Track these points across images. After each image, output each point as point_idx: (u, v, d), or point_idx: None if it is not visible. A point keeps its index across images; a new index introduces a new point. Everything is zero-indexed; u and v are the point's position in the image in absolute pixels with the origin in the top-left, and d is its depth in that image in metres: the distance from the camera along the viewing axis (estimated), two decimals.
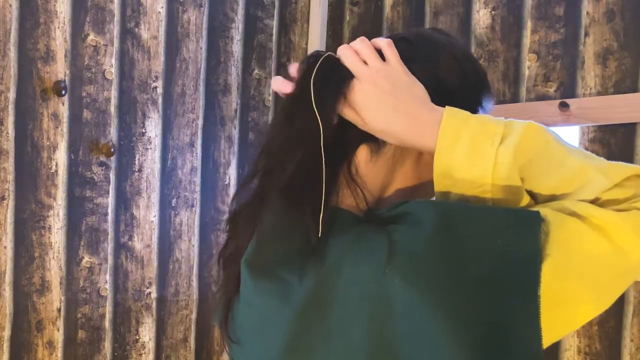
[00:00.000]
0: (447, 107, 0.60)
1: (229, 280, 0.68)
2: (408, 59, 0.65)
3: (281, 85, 0.65)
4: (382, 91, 0.61)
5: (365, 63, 0.63)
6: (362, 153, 0.65)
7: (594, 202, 0.57)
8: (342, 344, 0.56)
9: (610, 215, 0.55)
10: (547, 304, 0.52)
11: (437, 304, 0.52)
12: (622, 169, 0.57)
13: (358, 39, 0.65)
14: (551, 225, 0.54)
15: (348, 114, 0.63)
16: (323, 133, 0.60)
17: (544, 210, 0.56)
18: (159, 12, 1.47)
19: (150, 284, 1.48)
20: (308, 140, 0.61)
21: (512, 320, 0.53)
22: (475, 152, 0.57)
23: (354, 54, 0.64)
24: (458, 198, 0.59)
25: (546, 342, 0.53)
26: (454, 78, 0.67)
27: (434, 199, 0.66)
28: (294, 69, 0.65)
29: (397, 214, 0.59)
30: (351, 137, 0.64)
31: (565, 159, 0.58)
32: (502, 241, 0.54)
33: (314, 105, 0.60)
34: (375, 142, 0.65)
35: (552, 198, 0.59)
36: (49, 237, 1.34)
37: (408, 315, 0.53)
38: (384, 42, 0.65)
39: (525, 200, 0.59)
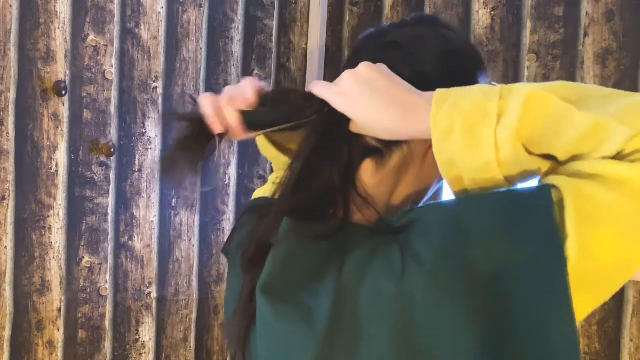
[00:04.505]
0: (437, 90, 0.57)
1: (249, 306, 0.65)
2: (395, 60, 0.64)
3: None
4: (354, 91, 0.59)
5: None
6: (367, 168, 0.64)
7: (619, 155, 0.51)
8: None
9: (628, 168, 0.50)
10: (574, 285, 0.49)
11: (457, 310, 0.51)
12: None
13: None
14: (566, 196, 0.51)
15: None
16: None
17: (558, 179, 0.52)
18: (159, 12, 1.47)
19: (150, 284, 1.49)
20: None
21: (542, 314, 0.50)
22: (472, 139, 0.54)
23: (322, 84, 0.62)
24: (471, 183, 0.57)
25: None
26: (441, 73, 0.66)
27: (442, 196, 0.64)
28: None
29: (406, 223, 0.58)
30: (354, 153, 0.63)
31: (574, 119, 0.52)
32: (515, 229, 0.51)
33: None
34: (379, 155, 0.64)
35: (573, 159, 0.54)
36: (49, 237, 1.34)
37: (430, 325, 0.52)
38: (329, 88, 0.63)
39: (545, 166, 0.55)
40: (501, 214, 0.53)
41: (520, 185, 0.56)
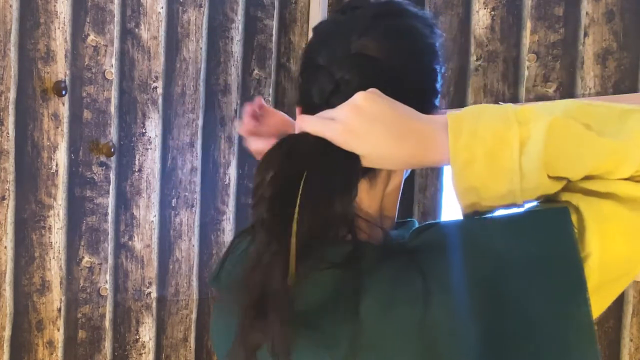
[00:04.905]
0: (448, 116, 0.55)
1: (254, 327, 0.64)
2: (369, 75, 0.62)
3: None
4: (365, 129, 0.56)
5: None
6: (362, 187, 0.63)
7: (634, 177, 0.53)
8: None
9: None
10: (592, 297, 0.51)
11: (481, 335, 0.51)
12: None
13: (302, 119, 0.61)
14: (587, 216, 0.52)
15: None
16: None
17: (574, 198, 0.53)
18: (159, 12, 1.47)
19: (150, 284, 1.49)
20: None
21: (565, 335, 0.51)
22: (495, 169, 0.53)
23: (317, 120, 0.59)
24: (488, 208, 0.56)
25: None
26: (413, 67, 0.64)
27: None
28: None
29: (421, 243, 0.57)
30: (351, 179, 0.61)
31: (596, 147, 0.52)
32: (535, 249, 0.52)
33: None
34: (372, 172, 0.63)
35: (585, 178, 0.55)
36: (49, 237, 1.34)
37: (455, 351, 0.52)
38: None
39: (560, 186, 0.56)
40: (522, 233, 0.53)
41: (530, 205, 0.57)
